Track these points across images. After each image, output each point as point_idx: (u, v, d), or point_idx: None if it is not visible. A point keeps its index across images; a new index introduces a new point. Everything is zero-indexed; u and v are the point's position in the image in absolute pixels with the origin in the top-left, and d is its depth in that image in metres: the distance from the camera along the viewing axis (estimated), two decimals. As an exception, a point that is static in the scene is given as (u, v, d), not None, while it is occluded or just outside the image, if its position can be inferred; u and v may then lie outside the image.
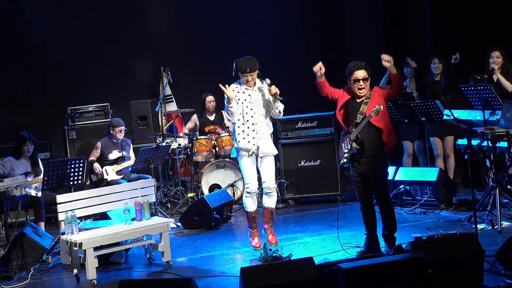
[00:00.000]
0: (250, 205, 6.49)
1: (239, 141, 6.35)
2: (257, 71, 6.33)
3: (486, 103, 7.02)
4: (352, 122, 5.84)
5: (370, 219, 6.04)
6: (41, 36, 9.79)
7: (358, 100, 5.87)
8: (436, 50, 9.03)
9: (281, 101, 6.26)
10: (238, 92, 6.39)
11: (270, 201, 6.51)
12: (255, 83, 6.38)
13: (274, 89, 6.23)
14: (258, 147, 6.33)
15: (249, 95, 6.35)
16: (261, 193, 6.87)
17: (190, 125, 9.40)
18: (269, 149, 6.40)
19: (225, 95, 6.33)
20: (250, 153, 6.34)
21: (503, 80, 7.37)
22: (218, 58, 10.18)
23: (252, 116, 6.33)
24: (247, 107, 6.33)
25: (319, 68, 5.91)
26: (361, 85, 5.80)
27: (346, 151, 5.86)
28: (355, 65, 5.84)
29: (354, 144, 5.79)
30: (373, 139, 5.77)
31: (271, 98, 6.29)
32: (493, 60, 7.48)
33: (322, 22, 11.07)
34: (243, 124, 6.34)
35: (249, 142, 6.31)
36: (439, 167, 7.87)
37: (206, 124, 9.35)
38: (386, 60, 5.74)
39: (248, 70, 6.25)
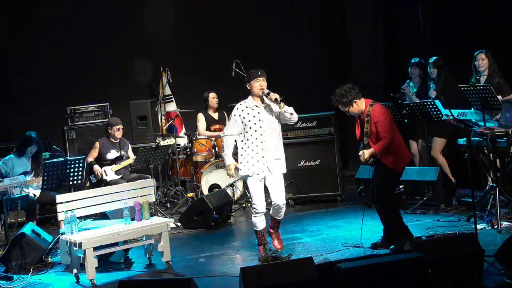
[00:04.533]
0: (259, 224, 6.23)
1: (248, 168, 6.13)
2: (266, 80, 6.14)
3: (486, 103, 7.02)
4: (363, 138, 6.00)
5: (383, 222, 6.12)
6: (41, 36, 9.79)
7: (362, 117, 6.00)
8: (436, 51, 9.03)
9: (282, 101, 6.10)
10: (247, 107, 6.15)
11: (278, 215, 6.32)
12: (263, 100, 6.14)
13: (273, 95, 6.00)
14: (268, 170, 6.12)
15: (259, 112, 6.11)
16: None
17: (203, 125, 9.32)
18: (279, 168, 6.18)
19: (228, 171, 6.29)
20: (260, 177, 6.15)
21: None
22: (218, 58, 10.20)
23: (261, 134, 6.08)
24: (255, 124, 6.10)
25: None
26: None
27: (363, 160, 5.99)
28: None
29: (370, 160, 5.93)
30: None
31: (276, 108, 6.07)
32: (479, 62, 7.49)
33: (322, 23, 11.08)
34: (252, 143, 6.11)
35: (258, 168, 6.10)
36: (439, 167, 7.87)
37: (211, 123, 9.34)
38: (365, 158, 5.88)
39: (259, 73, 6.11)
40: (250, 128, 6.11)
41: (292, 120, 6.12)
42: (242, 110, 6.17)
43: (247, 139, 6.15)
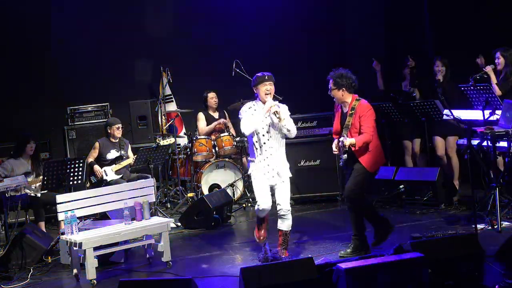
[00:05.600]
0: (263, 216, 6.15)
1: (258, 170, 5.97)
2: (273, 84, 5.99)
3: (486, 103, 7.02)
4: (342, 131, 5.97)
5: (353, 220, 6.07)
6: (41, 36, 9.79)
7: (345, 111, 5.99)
8: (437, 50, 9.04)
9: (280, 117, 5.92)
10: (256, 110, 5.96)
11: (285, 225, 6.05)
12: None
13: (273, 108, 5.84)
14: (277, 174, 5.97)
15: (266, 117, 5.93)
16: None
17: (203, 124, 9.33)
18: (286, 172, 6.05)
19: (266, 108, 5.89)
20: (268, 176, 5.98)
21: (494, 82, 7.33)
22: (218, 58, 10.20)
23: (268, 140, 5.94)
24: (263, 128, 5.93)
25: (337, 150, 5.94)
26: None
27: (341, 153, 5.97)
28: None
29: (344, 157, 5.92)
30: None
31: (275, 119, 5.92)
32: (496, 61, 7.46)
33: (322, 22, 11.07)
34: (260, 147, 5.95)
35: (267, 169, 5.94)
36: (439, 167, 7.87)
37: (211, 122, 9.33)
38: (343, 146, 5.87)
39: (266, 77, 5.92)
40: (259, 133, 5.95)
41: (289, 135, 6.03)
42: (250, 108, 6.00)
43: (256, 141, 5.97)
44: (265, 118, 5.92)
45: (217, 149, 9.04)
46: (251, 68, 8.33)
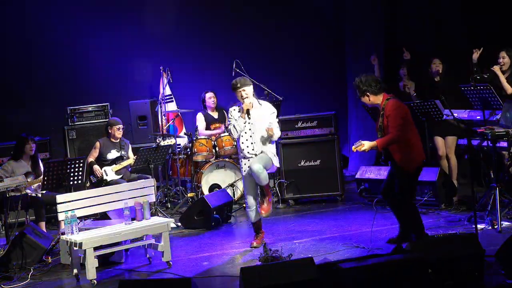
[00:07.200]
0: (253, 216, 6.57)
1: (244, 169, 6.52)
2: (251, 88, 6.43)
3: (486, 103, 7.02)
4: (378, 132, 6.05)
5: (395, 213, 6.15)
6: (41, 36, 9.79)
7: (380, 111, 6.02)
8: (436, 50, 9.03)
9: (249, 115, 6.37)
10: (239, 111, 6.49)
11: (260, 180, 6.28)
12: (253, 105, 6.43)
13: (245, 108, 6.39)
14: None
15: (249, 117, 6.44)
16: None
17: (202, 125, 9.32)
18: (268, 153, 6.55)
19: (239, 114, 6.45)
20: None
21: (503, 81, 7.33)
22: (218, 58, 10.19)
23: (251, 136, 6.43)
24: (245, 126, 6.44)
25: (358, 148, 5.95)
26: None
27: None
28: None
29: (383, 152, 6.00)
30: None
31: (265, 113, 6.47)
32: (500, 60, 7.44)
33: (322, 22, 11.06)
34: (243, 144, 6.47)
35: (249, 167, 6.43)
36: (439, 167, 7.87)
37: (211, 122, 9.33)
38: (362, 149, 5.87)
39: (238, 85, 6.37)
40: (243, 132, 6.44)
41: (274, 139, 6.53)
42: (234, 110, 6.54)
43: (241, 141, 6.48)
44: (246, 122, 6.39)
45: (217, 149, 9.03)
46: (251, 68, 8.33)
